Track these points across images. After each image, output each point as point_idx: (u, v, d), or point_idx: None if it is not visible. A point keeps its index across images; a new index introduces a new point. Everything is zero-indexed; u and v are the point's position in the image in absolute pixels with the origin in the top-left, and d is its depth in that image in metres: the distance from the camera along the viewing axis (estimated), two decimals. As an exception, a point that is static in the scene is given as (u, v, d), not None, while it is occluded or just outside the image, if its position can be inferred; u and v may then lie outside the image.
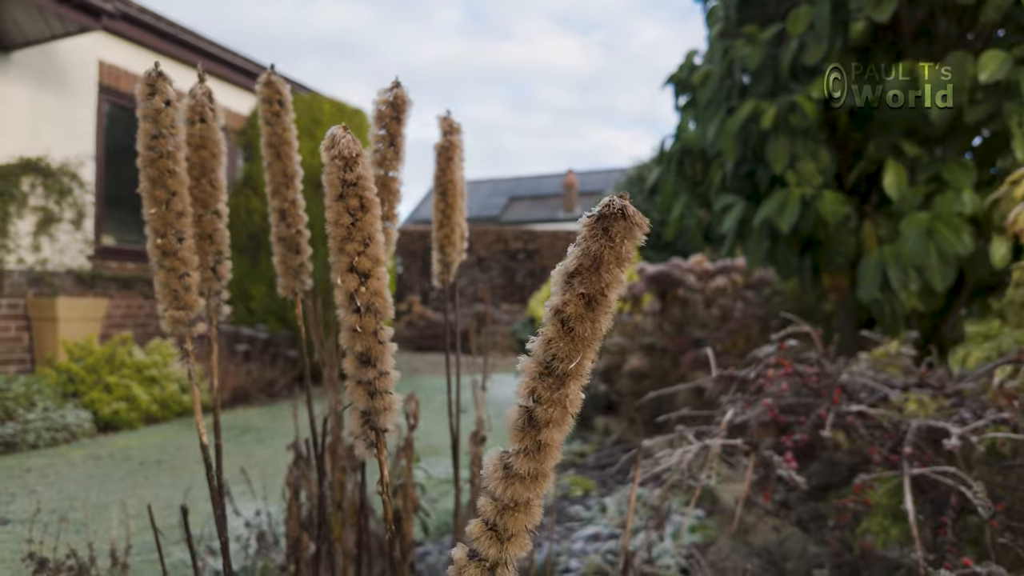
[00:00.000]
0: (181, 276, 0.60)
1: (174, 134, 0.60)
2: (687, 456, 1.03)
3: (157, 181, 0.59)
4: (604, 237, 0.34)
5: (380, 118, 0.64)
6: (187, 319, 0.61)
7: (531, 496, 0.37)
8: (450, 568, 0.39)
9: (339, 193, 0.49)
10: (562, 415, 0.36)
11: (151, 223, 0.60)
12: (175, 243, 0.60)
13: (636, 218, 0.34)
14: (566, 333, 0.35)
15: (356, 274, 0.48)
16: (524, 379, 0.37)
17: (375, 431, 0.50)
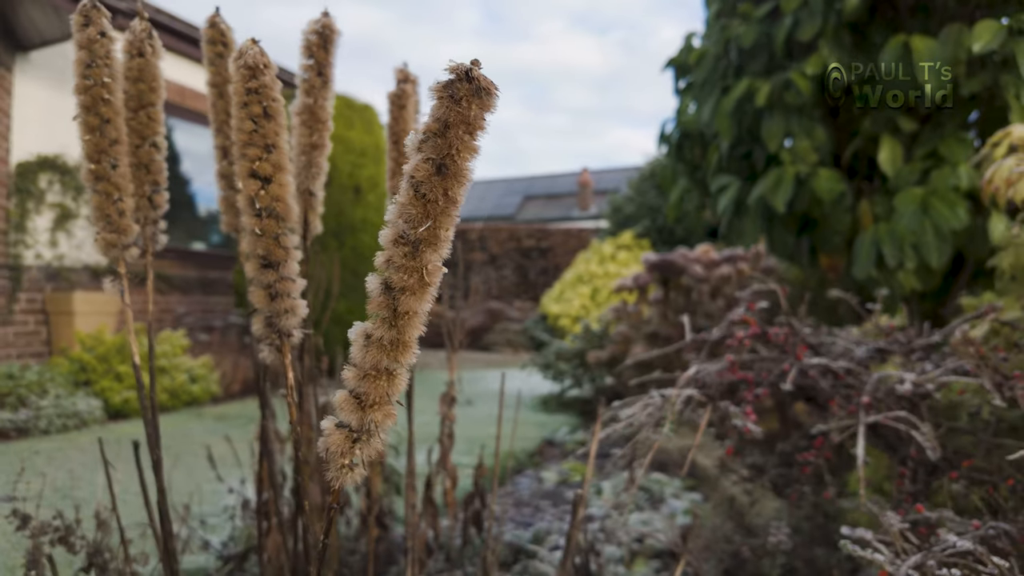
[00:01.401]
0: (115, 201, 0.62)
1: (108, 64, 0.62)
2: (648, 410, 1.03)
3: (91, 108, 0.61)
4: (450, 101, 0.35)
5: (307, 47, 0.66)
6: (120, 243, 0.63)
7: (391, 364, 0.38)
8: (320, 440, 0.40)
9: (243, 101, 0.50)
10: (419, 283, 0.37)
11: (85, 149, 0.62)
12: (108, 169, 0.62)
13: (482, 81, 0.35)
14: (418, 199, 0.36)
15: (257, 179, 0.50)
16: (382, 249, 0.38)
17: (279, 334, 0.51)
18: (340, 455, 0.39)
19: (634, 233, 9.53)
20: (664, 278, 3.83)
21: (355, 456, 0.39)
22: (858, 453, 0.82)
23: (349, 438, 0.39)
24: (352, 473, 0.39)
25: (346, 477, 0.39)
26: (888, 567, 0.70)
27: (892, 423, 0.85)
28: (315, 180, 0.66)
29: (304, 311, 0.52)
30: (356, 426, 0.39)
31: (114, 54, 0.64)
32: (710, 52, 2.49)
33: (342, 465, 0.39)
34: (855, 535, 0.74)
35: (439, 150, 0.35)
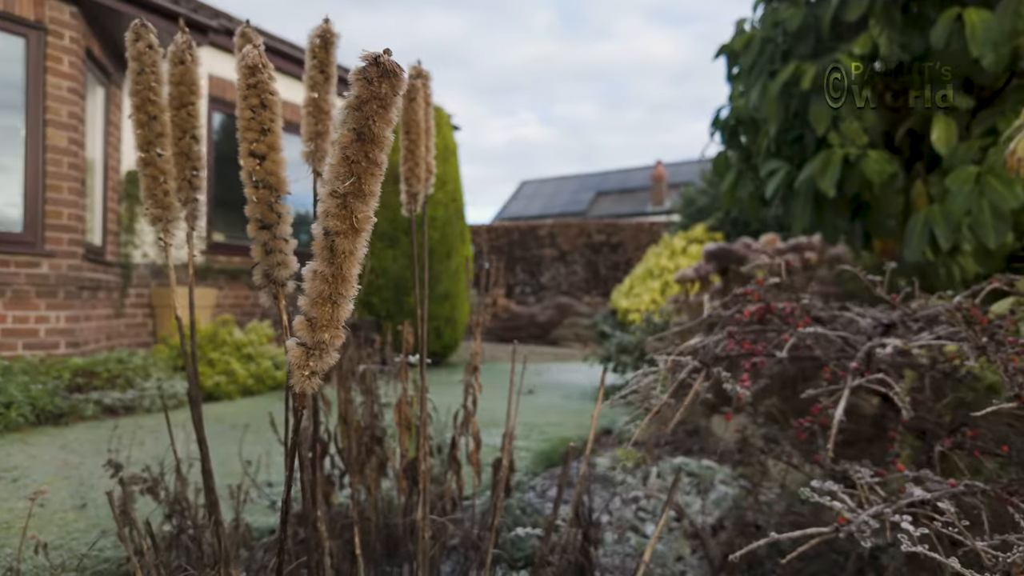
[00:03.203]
0: (161, 183, 0.76)
1: (154, 71, 0.77)
2: (648, 378, 1.09)
3: (141, 107, 0.76)
4: (365, 82, 0.45)
5: (312, 50, 0.78)
6: (165, 216, 0.77)
7: (334, 294, 0.49)
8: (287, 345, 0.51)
9: (244, 95, 0.63)
10: (350, 228, 0.47)
11: (137, 140, 0.77)
12: (155, 156, 0.76)
13: (388, 65, 0.45)
14: (345, 161, 0.46)
15: (255, 157, 0.62)
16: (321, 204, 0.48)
17: (274, 283, 0.63)
18: (299, 366, 0.50)
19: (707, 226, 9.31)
20: (724, 268, 3.78)
21: (310, 367, 0.50)
22: (836, 414, 0.85)
23: (305, 353, 0.50)
24: (311, 381, 0.50)
25: (306, 383, 0.50)
26: (847, 514, 0.75)
27: (873, 385, 0.88)
28: (321, 162, 0.78)
29: (293, 266, 0.63)
30: (310, 343, 0.49)
31: (160, 63, 0.79)
32: (757, 37, 2.46)
33: (302, 375, 0.50)
34: (823, 487, 0.79)
35: (358, 121, 0.45)
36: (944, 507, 0.72)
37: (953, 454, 0.97)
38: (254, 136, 0.61)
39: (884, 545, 1.09)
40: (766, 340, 1.09)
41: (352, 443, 1.24)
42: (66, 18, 4.85)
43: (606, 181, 21.78)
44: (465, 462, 1.33)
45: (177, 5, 5.34)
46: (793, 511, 1.15)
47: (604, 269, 12.18)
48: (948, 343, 0.88)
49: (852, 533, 0.71)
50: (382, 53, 0.45)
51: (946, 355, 1.06)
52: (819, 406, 1.02)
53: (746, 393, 0.95)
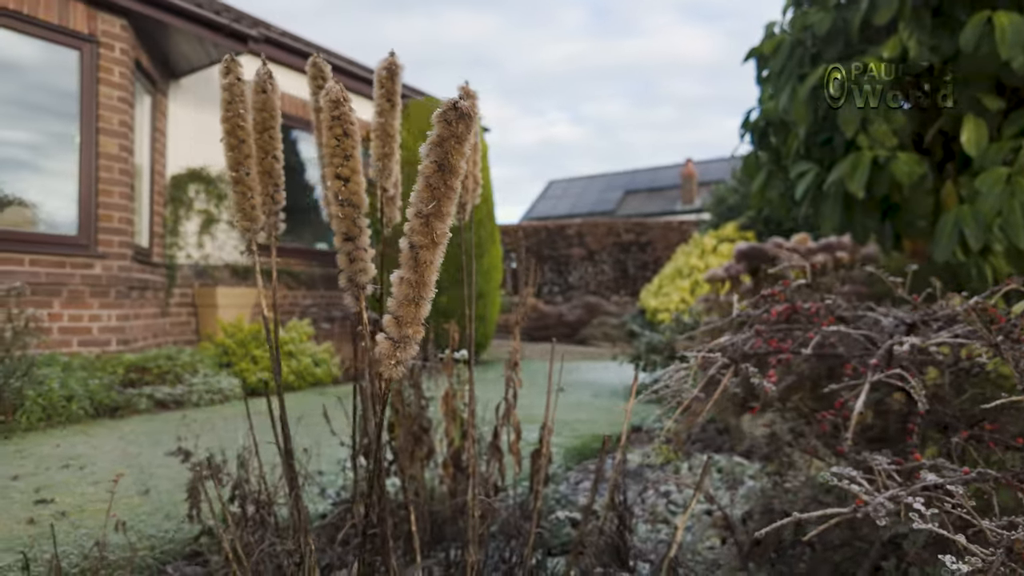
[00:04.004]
0: (248, 198, 0.87)
1: (242, 100, 0.88)
2: (679, 373, 1.16)
3: (231, 132, 0.86)
4: (444, 122, 0.55)
5: (379, 81, 0.87)
6: (252, 228, 0.88)
7: (416, 295, 0.58)
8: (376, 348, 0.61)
9: (330, 124, 0.73)
10: (430, 240, 0.57)
11: (228, 162, 0.88)
12: (244, 175, 0.87)
13: (464, 108, 0.54)
14: (428, 188, 0.56)
15: (340, 179, 0.72)
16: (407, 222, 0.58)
17: (356, 286, 0.73)
18: (388, 356, 0.59)
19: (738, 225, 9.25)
20: (754, 267, 3.81)
21: (397, 357, 0.59)
22: (856, 406, 0.92)
23: (393, 345, 0.59)
24: (397, 369, 0.60)
25: (393, 371, 0.60)
26: (864, 496, 0.82)
27: (892, 380, 0.94)
28: (387, 180, 0.88)
29: (372, 271, 0.73)
30: (397, 337, 0.59)
31: (247, 92, 0.89)
32: (787, 40, 2.51)
33: (390, 364, 0.60)
34: (843, 472, 0.86)
35: (439, 155, 0.55)
36: (955, 490, 0.79)
37: (971, 446, 1.03)
38: (340, 161, 0.71)
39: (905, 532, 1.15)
40: (792, 339, 1.16)
41: (403, 432, 1.35)
42: (116, 31, 5.09)
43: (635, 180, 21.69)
44: (506, 451, 1.42)
45: (220, 16, 5.54)
46: (818, 500, 1.22)
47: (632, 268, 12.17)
48: (965, 341, 0.94)
49: (868, 513, 0.78)
50: (459, 99, 0.54)
51: (967, 353, 1.11)
52: (841, 400, 1.08)
53: (772, 388, 1.02)
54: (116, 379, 3.78)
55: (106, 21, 5.03)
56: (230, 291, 6.14)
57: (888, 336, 1.12)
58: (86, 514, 2.00)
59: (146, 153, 5.88)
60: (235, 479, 1.70)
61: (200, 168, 6.38)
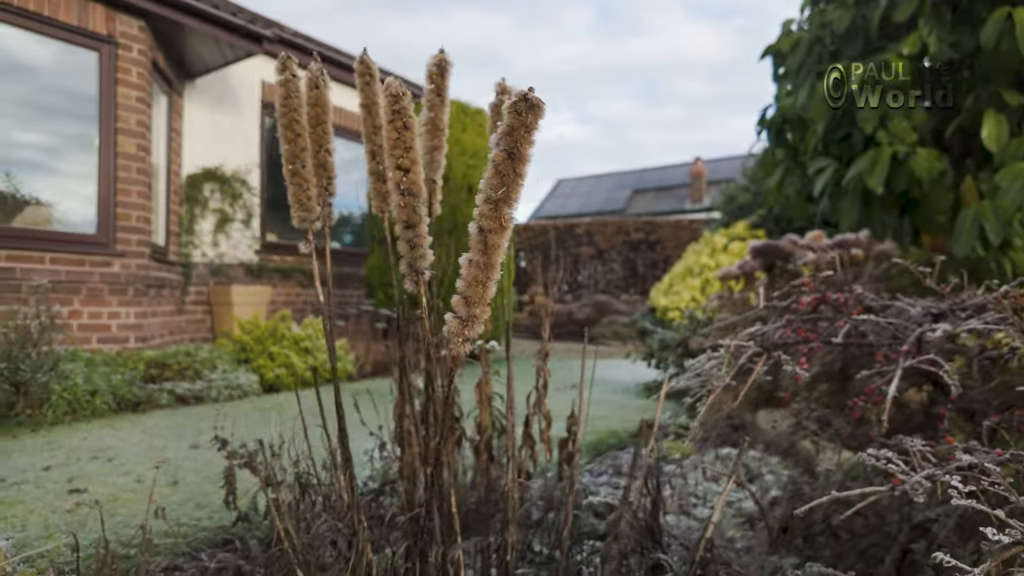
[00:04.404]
0: (304, 190, 0.90)
1: (297, 96, 0.91)
2: (712, 361, 1.19)
3: (288, 126, 0.90)
4: (514, 113, 0.58)
5: (430, 76, 0.91)
6: (308, 218, 0.91)
7: (483, 276, 0.62)
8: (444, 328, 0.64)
9: (390, 118, 0.76)
10: (498, 225, 0.60)
11: (285, 154, 0.91)
12: (300, 168, 0.90)
13: (534, 100, 0.58)
14: (497, 175, 0.59)
15: (401, 170, 0.75)
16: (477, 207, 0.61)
17: (416, 272, 0.76)
18: (456, 334, 0.63)
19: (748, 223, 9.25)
20: (770, 264, 3.82)
21: (464, 335, 0.63)
22: (889, 390, 0.95)
23: (461, 324, 0.63)
24: (465, 346, 0.63)
25: (460, 348, 0.63)
26: (901, 476, 0.85)
27: (924, 366, 0.97)
28: (436, 172, 0.91)
29: (431, 257, 0.77)
30: (465, 316, 0.62)
31: (301, 88, 0.93)
32: (805, 38, 2.53)
33: (457, 341, 0.63)
34: (879, 454, 0.89)
35: (509, 144, 0.58)
36: (991, 468, 0.82)
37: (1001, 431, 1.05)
38: (400, 152, 0.74)
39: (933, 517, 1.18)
40: (819, 329, 1.19)
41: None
42: (135, 32, 5.15)
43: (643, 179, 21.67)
44: (537, 438, 1.45)
45: (236, 17, 5.60)
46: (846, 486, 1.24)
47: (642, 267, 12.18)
48: (995, 328, 0.96)
49: (906, 491, 0.81)
50: (529, 90, 0.58)
51: (994, 342, 1.14)
52: (871, 387, 1.11)
53: (805, 375, 1.05)
54: (137, 375, 3.83)
55: (124, 22, 5.10)
56: (245, 289, 6.21)
57: (917, 325, 1.15)
58: (119, 503, 2.05)
59: (162, 153, 5.95)
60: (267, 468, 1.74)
61: (215, 168, 6.45)
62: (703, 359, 1.19)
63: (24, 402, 3.10)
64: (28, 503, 2.03)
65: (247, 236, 6.67)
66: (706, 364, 1.17)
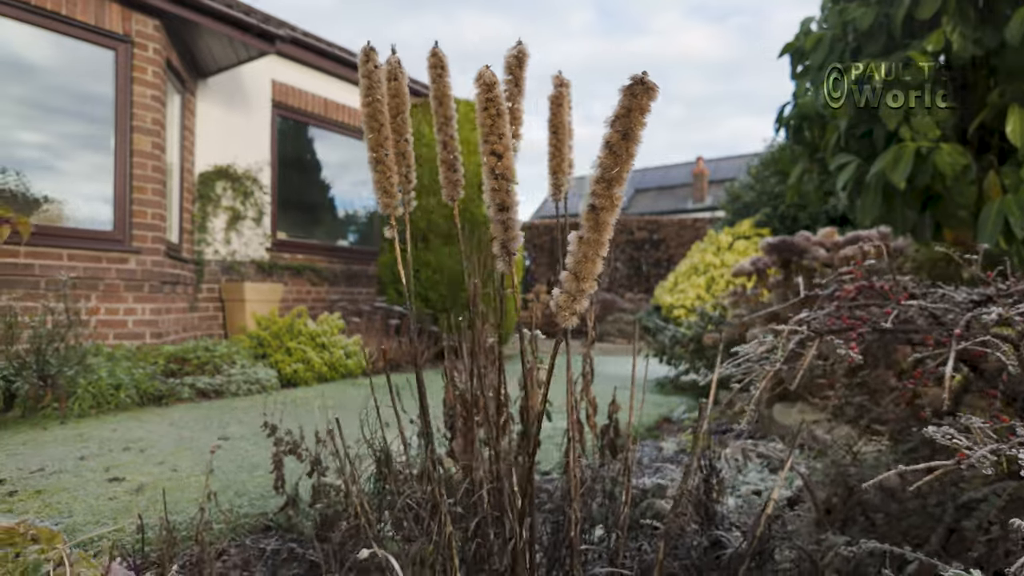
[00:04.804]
0: (387, 177, 0.94)
1: (379, 87, 0.95)
2: (761, 347, 1.23)
3: (372, 116, 0.94)
4: (630, 95, 0.62)
5: (508, 67, 0.95)
6: (391, 204, 0.95)
7: (593, 253, 0.65)
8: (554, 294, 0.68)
9: (484, 106, 0.80)
10: (610, 203, 0.64)
11: (369, 143, 0.95)
12: (383, 156, 0.94)
13: (649, 83, 0.61)
14: (611, 154, 0.63)
15: (495, 156, 0.79)
16: (589, 186, 0.65)
17: (508, 252, 0.80)
18: (564, 308, 0.67)
19: (753, 222, 9.30)
20: (786, 260, 3.86)
21: (573, 308, 0.67)
22: (947, 370, 0.99)
23: (570, 298, 0.67)
24: (572, 319, 0.67)
25: (567, 320, 0.67)
26: (966, 451, 0.89)
27: (978, 348, 1.01)
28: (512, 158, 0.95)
29: (522, 239, 0.81)
30: (574, 291, 0.66)
31: (383, 79, 0.97)
32: (827, 36, 2.57)
33: (565, 315, 0.67)
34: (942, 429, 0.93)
35: (624, 124, 0.62)
36: (1049, 443, 0.86)
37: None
38: (494, 139, 0.78)
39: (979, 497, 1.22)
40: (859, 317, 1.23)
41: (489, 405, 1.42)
42: (150, 31, 5.19)
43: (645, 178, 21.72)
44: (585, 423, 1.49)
45: (249, 16, 5.64)
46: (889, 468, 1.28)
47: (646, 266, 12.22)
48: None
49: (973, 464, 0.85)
50: (643, 74, 0.62)
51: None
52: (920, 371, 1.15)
53: (858, 357, 1.09)
54: (157, 369, 3.87)
55: (140, 21, 5.13)
56: (257, 286, 6.24)
57: (963, 311, 1.19)
58: (158, 491, 2.08)
59: (175, 151, 5.98)
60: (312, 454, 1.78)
61: (227, 166, 6.48)
62: (753, 345, 1.23)
63: (52, 395, 3.14)
64: (70, 491, 2.07)
65: (258, 234, 6.71)
66: (758, 349, 1.21)
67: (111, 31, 4.97)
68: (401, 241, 6.64)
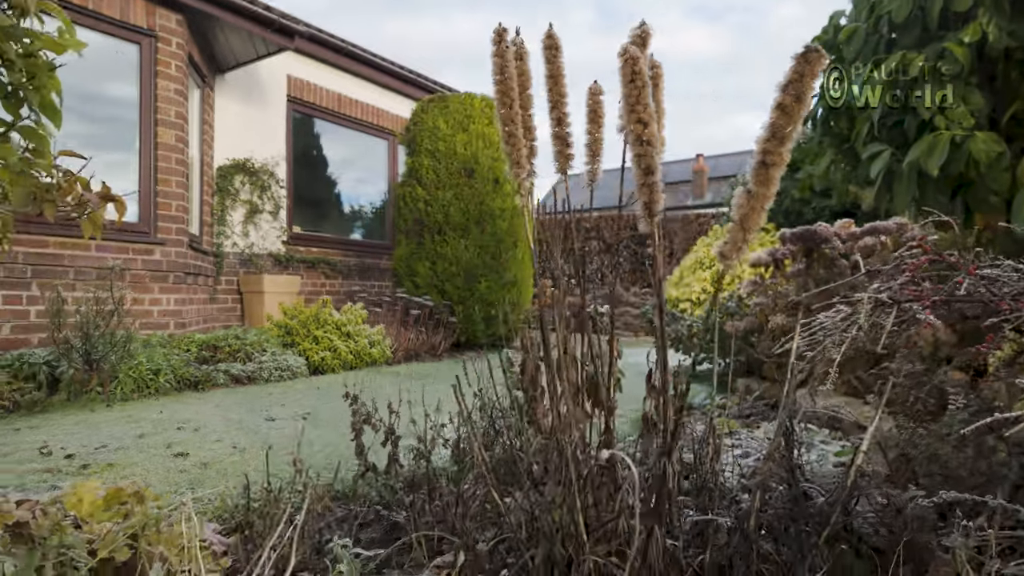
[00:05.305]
0: (518, 148, 1.02)
1: (510, 67, 1.03)
2: (839, 316, 1.32)
3: (504, 94, 1.02)
4: (803, 60, 0.70)
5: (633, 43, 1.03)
6: (521, 175, 1.03)
7: (759, 205, 0.74)
8: (714, 250, 0.76)
9: (630, 79, 0.88)
10: (780, 159, 0.72)
11: (501, 118, 1.03)
12: (515, 130, 1.02)
13: (821, 50, 0.70)
14: (784, 114, 0.71)
15: (641, 124, 0.87)
16: (757, 145, 0.74)
17: (651, 214, 0.88)
18: (728, 255, 0.75)
19: (758, 217, 9.42)
20: (808, 249, 3.95)
21: (735, 255, 0.75)
22: None
23: (734, 245, 0.75)
24: (734, 264, 0.75)
25: (731, 264, 0.75)
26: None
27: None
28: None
29: (664, 202, 0.89)
30: (738, 240, 0.74)
31: (512, 59, 1.05)
32: (861, 29, 2.66)
33: (728, 262, 0.75)
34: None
35: (797, 88, 0.70)
36: None
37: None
38: (641, 109, 0.86)
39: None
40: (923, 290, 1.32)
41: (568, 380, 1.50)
42: (173, 25, 5.23)
43: (645, 175, 21.79)
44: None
45: (270, 12, 5.69)
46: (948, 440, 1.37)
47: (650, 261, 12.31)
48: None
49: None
50: (812, 42, 0.70)
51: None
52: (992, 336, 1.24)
53: (936, 321, 1.17)
54: (191, 356, 3.93)
55: (163, 16, 5.18)
56: (275, 278, 6.30)
57: None
58: (226, 465, 2.16)
59: (196, 145, 6.03)
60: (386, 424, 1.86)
61: (245, 160, 6.53)
62: (831, 314, 1.31)
63: (97, 379, 3.20)
64: (140, 464, 2.14)
65: (275, 227, 6.76)
66: (836, 318, 1.30)
67: (136, 25, 5.02)
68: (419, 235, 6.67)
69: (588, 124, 1.16)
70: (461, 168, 6.30)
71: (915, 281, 1.39)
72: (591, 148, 1.17)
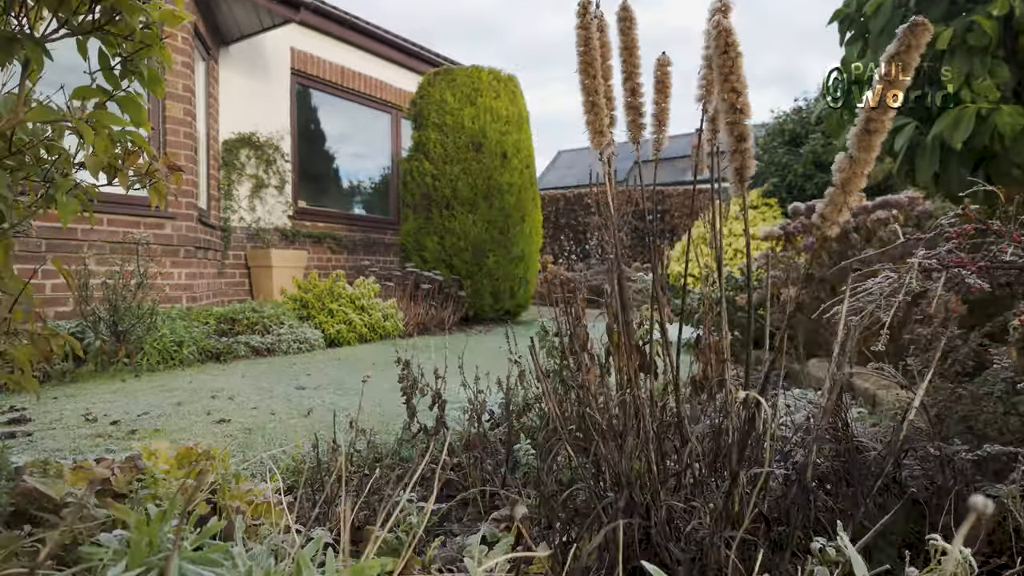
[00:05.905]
0: (600, 118, 1.06)
1: (594, 37, 1.06)
2: (886, 282, 1.38)
3: (588, 63, 1.05)
4: (910, 33, 0.74)
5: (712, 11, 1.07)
6: (602, 143, 1.07)
7: (860, 170, 0.78)
8: (815, 214, 0.81)
9: (724, 50, 0.92)
10: (883, 127, 0.77)
11: (584, 89, 1.07)
12: (598, 99, 1.06)
13: (926, 22, 0.74)
14: (888, 85, 0.75)
15: (735, 92, 0.91)
16: (862, 113, 0.78)
17: (741, 180, 0.93)
18: (828, 217, 0.80)
19: (761, 192, 9.46)
20: (818, 224, 4.00)
21: (834, 219, 0.80)
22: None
23: (835, 208, 0.80)
24: (833, 228, 0.80)
25: (831, 230, 0.80)
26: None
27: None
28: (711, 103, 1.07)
29: (754, 168, 0.93)
30: (840, 203, 0.79)
31: (595, 30, 1.08)
32: (887, 2, 2.68)
33: (828, 224, 0.80)
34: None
35: (904, 58, 0.74)
36: None
37: None
38: (735, 78, 0.90)
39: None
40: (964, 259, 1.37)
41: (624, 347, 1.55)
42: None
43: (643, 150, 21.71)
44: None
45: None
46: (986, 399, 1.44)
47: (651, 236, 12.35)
48: None
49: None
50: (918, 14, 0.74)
51: None
52: None
53: (983, 285, 1.23)
54: (211, 328, 3.97)
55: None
56: (282, 253, 6.31)
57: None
58: (268, 430, 2.21)
59: (202, 118, 5.98)
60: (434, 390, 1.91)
61: (250, 134, 6.49)
62: (880, 279, 1.37)
63: (124, 350, 3.24)
64: (185, 430, 2.19)
65: (281, 202, 6.75)
66: (883, 284, 1.35)
67: (142, -6, 4.94)
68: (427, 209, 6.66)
69: (656, 95, 1.19)
70: (469, 142, 6.29)
71: (960, 248, 1.44)
72: (658, 117, 1.21)
